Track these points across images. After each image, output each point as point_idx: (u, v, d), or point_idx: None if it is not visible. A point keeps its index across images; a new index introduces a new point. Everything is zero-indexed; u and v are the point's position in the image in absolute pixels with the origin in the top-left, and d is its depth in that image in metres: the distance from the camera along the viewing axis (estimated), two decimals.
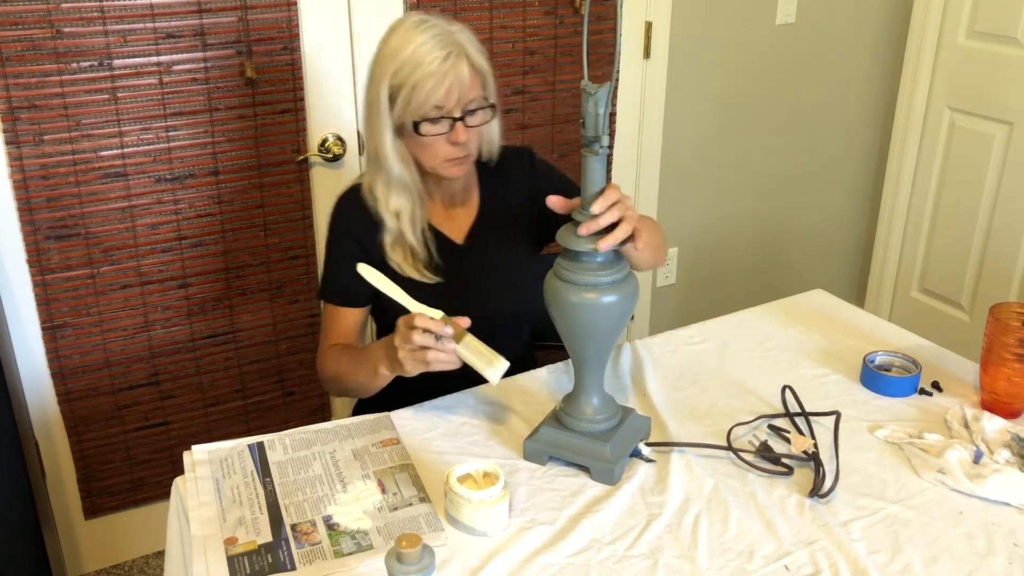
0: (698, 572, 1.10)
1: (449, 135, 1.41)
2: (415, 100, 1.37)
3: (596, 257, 1.20)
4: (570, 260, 1.22)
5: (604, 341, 1.24)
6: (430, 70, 1.35)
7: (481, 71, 1.42)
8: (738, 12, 2.58)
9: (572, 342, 1.25)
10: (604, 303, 1.19)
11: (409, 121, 1.40)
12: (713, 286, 2.91)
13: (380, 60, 1.41)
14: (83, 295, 1.98)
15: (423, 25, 1.38)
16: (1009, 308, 1.40)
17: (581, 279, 1.20)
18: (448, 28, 1.39)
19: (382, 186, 1.47)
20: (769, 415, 1.40)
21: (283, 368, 2.24)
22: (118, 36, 1.83)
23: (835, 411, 1.39)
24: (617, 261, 1.22)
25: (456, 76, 1.37)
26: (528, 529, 1.17)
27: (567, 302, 1.20)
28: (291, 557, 1.12)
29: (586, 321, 1.21)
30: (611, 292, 1.20)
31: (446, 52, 1.36)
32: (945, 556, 1.12)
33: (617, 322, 1.22)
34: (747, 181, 2.84)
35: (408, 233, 1.48)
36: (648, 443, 1.32)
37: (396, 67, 1.37)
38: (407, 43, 1.37)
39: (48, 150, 1.85)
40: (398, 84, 1.38)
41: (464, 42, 1.39)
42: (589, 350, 1.25)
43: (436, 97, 1.37)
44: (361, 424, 1.39)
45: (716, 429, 1.37)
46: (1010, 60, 2.61)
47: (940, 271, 2.94)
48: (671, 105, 2.57)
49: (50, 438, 2.06)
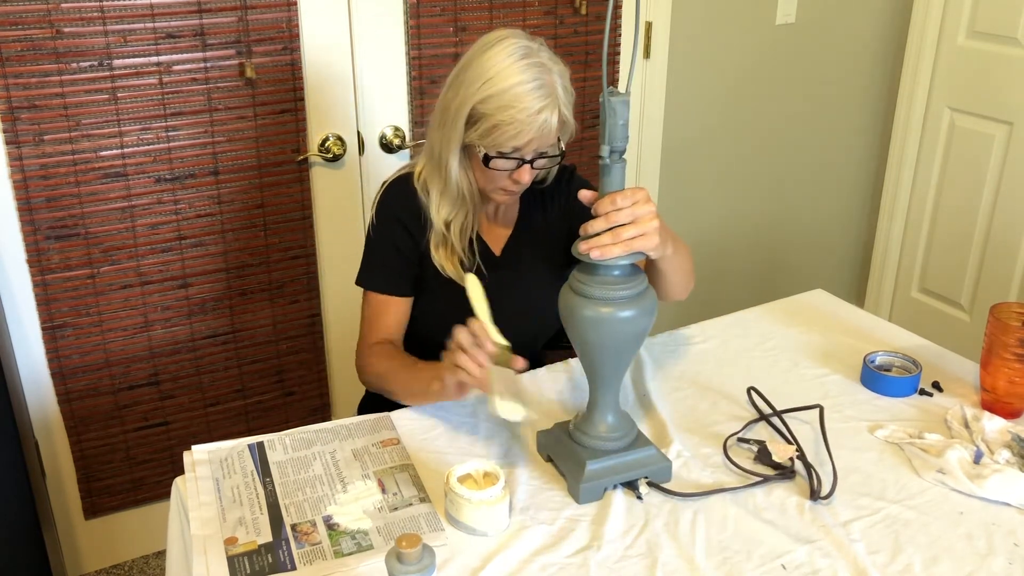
0: (696, 572, 1.10)
1: (513, 173, 1.40)
2: (496, 138, 1.35)
3: (613, 271, 1.16)
4: (585, 273, 1.18)
5: (619, 358, 1.20)
6: (521, 118, 1.32)
7: (565, 123, 1.39)
8: (738, 12, 2.58)
9: (586, 358, 1.22)
10: (619, 318, 1.15)
11: (482, 150, 1.38)
12: (713, 286, 2.91)
13: (472, 76, 1.35)
14: (83, 295, 1.98)
15: (527, 60, 1.33)
16: (1009, 308, 1.40)
17: (596, 293, 1.16)
18: (549, 67, 1.35)
19: (436, 191, 1.46)
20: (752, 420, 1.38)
21: (283, 368, 2.24)
22: (118, 36, 1.83)
23: (817, 405, 1.38)
24: (635, 275, 1.18)
25: (543, 129, 1.34)
26: (528, 529, 1.17)
27: (581, 316, 1.16)
28: (291, 557, 1.12)
29: (600, 337, 1.17)
30: (627, 307, 1.15)
31: (541, 104, 1.32)
32: (945, 556, 1.12)
33: (634, 339, 1.18)
34: (747, 181, 2.84)
35: (456, 241, 1.47)
36: (650, 482, 1.25)
37: (487, 95, 1.33)
38: (507, 76, 1.32)
39: (48, 150, 1.85)
40: (483, 113, 1.34)
41: (559, 91, 1.35)
42: (604, 367, 1.21)
43: (518, 142, 1.35)
44: (361, 424, 1.39)
45: (716, 430, 1.37)
46: (1010, 60, 2.61)
47: (940, 271, 2.94)
48: (671, 105, 2.57)
49: (50, 438, 2.06)
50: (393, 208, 1.51)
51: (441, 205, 1.46)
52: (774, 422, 1.37)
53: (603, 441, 1.24)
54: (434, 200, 1.46)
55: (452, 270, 1.48)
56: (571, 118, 1.40)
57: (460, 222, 1.47)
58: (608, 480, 1.22)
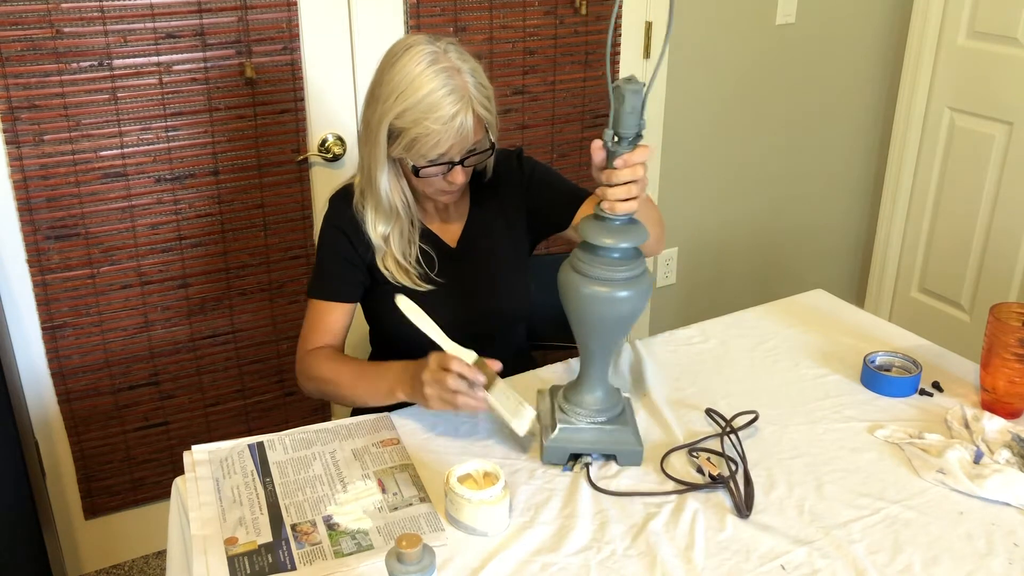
0: (696, 572, 1.10)
1: (447, 175, 1.40)
2: (418, 149, 1.35)
3: (613, 253, 1.20)
4: (587, 252, 1.22)
5: (612, 335, 1.25)
6: (437, 128, 1.32)
7: (485, 119, 1.39)
8: (738, 12, 2.58)
9: (580, 333, 1.26)
10: (616, 298, 1.20)
11: (410, 163, 1.39)
12: (713, 286, 2.91)
13: (385, 91, 1.35)
14: (83, 295, 1.98)
15: (435, 67, 1.32)
16: (1009, 308, 1.40)
17: (596, 272, 1.20)
18: (458, 67, 1.35)
19: (371, 208, 1.46)
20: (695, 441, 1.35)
21: (283, 368, 2.24)
22: (118, 36, 1.83)
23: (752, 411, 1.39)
24: (634, 257, 1.22)
25: (461, 132, 1.35)
26: (528, 529, 1.17)
27: (579, 293, 1.21)
28: (291, 557, 1.12)
29: (596, 314, 1.21)
30: (624, 288, 1.20)
31: (454, 110, 1.32)
32: (945, 556, 1.12)
33: (627, 319, 1.23)
34: (747, 181, 2.84)
35: (397, 254, 1.47)
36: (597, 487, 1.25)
37: (402, 109, 1.33)
38: (417, 86, 1.32)
39: (48, 150, 1.85)
40: (401, 128, 1.35)
41: (471, 91, 1.35)
42: (596, 342, 1.26)
43: (440, 150, 1.36)
44: (361, 424, 1.39)
45: (716, 429, 1.37)
46: (1010, 60, 2.61)
47: (940, 271, 2.94)
48: (671, 105, 2.57)
49: (50, 438, 2.06)
50: (337, 221, 1.50)
51: (376, 222, 1.46)
52: (729, 438, 1.35)
53: (583, 410, 1.29)
54: (369, 217, 1.46)
55: (402, 277, 1.48)
56: (489, 112, 1.39)
57: (397, 235, 1.47)
58: (573, 447, 1.28)
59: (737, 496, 1.21)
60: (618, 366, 1.54)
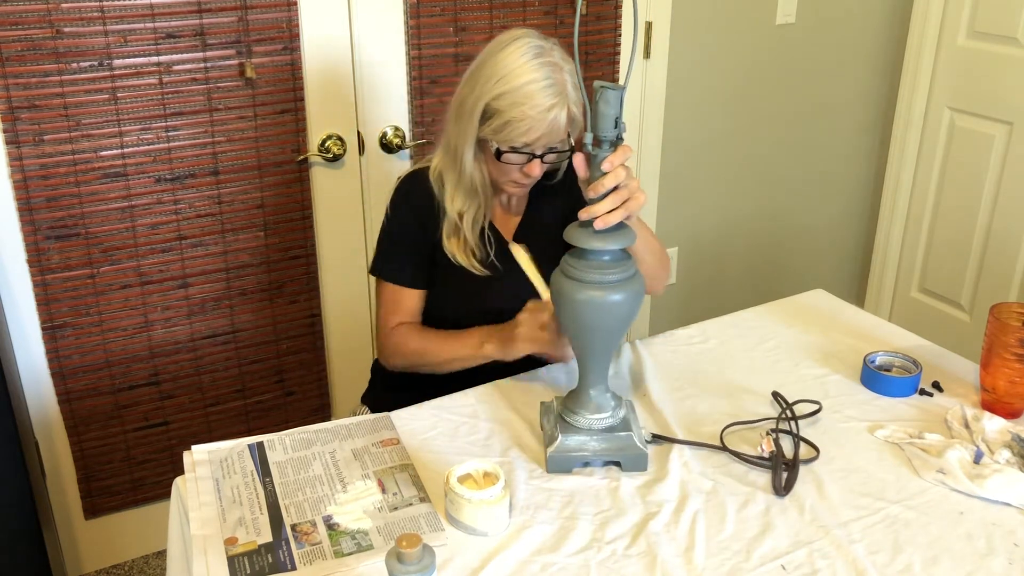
0: (696, 572, 1.10)
1: (525, 167, 1.45)
2: (507, 133, 1.40)
3: (603, 255, 1.21)
4: (577, 258, 1.23)
5: (608, 339, 1.25)
6: (532, 115, 1.37)
7: (574, 120, 1.44)
8: (738, 12, 2.58)
9: (577, 338, 1.26)
10: (610, 301, 1.20)
11: (495, 145, 1.43)
12: (713, 286, 2.91)
13: (488, 74, 1.40)
14: (83, 295, 1.98)
15: (540, 59, 1.38)
16: (1009, 308, 1.40)
17: (587, 276, 1.20)
18: (560, 66, 1.40)
19: (451, 183, 1.51)
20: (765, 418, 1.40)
21: (283, 368, 2.24)
22: (118, 36, 1.83)
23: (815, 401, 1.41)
24: (624, 259, 1.23)
25: (553, 125, 1.39)
26: (528, 529, 1.17)
27: (572, 299, 1.21)
28: (291, 557, 1.12)
29: (591, 319, 1.21)
30: (617, 291, 1.20)
31: (552, 102, 1.37)
32: (945, 556, 1.12)
33: (622, 321, 1.23)
34: (747, 181, 2.84)
35: (467, 232, 1.52)
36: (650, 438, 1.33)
37: (500, 92, 1.38)
38: (519, 74, 1.37)
39: (48, 150, 1.85)
40: (497, 109, 1.39)
41: (569, 90, 1.40)
42: (594, 347, 1.26)
43: (528, 138, 1.40)
44: (361, 424, 1.39)
45: (716, 429, 1.37)
46: (1010, 60, 2.61)
47: (940, 271, 2.94)
48: (671, 105, 2.57)
49: (50, 438, 2.06)
50: (408, 202, 1.56)
51: (455, 196, 1.51)
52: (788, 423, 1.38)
53: (584, 418, 1.28)
54: (448, 192, 1.52)
55: (463, 259, 1.53)
56: (580, 116, 1.44)
57: (472, 213, 1.52)
58: (578, 456, 1.27)
59: (786, 475, 1.24)
60: (618, 367, 1.55)
